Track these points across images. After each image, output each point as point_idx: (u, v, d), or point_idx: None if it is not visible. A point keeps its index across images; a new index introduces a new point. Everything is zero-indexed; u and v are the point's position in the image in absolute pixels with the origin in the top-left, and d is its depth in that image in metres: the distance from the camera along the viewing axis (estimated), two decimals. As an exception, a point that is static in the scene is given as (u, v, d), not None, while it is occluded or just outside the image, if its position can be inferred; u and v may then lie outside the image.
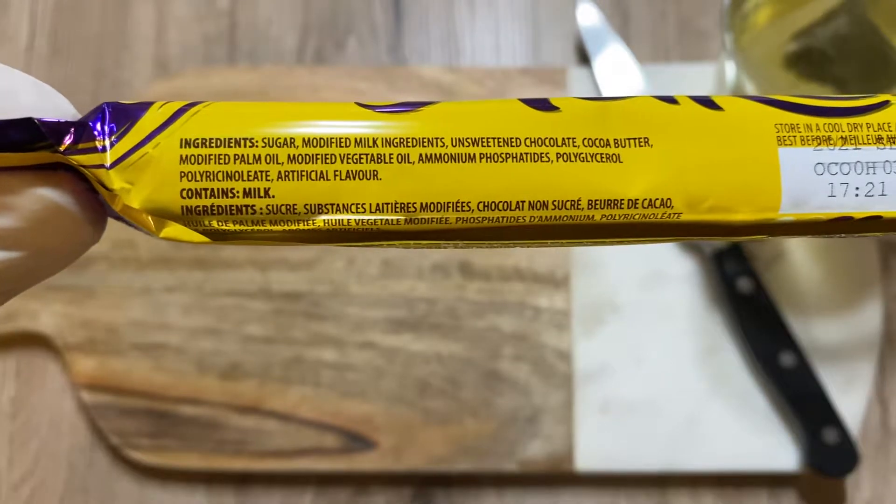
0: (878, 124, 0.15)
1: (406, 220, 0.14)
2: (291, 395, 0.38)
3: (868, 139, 0.15)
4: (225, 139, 0.14)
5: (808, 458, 0.36)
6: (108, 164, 0.14)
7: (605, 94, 0.14)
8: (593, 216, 0.14)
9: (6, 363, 0.40)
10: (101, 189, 0.14)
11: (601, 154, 0.14)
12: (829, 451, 0.36)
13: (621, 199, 0.14)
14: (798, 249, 0.39)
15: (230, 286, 0.40)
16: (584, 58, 0.42)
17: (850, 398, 0.37)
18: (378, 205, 0.14)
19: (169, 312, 0.39)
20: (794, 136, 0.14)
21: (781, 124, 0.14)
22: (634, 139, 0.14)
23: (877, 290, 0.39)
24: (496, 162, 0.14)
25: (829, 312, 0.39)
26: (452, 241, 0.15)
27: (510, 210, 0.14)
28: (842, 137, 0.14)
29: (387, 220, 0.14)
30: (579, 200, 0.14)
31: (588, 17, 0.42)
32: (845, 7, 0.33)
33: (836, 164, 0.14)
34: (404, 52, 0.44)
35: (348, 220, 0.14)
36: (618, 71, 0.41)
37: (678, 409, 0.38)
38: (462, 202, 0.14)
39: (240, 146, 0.14)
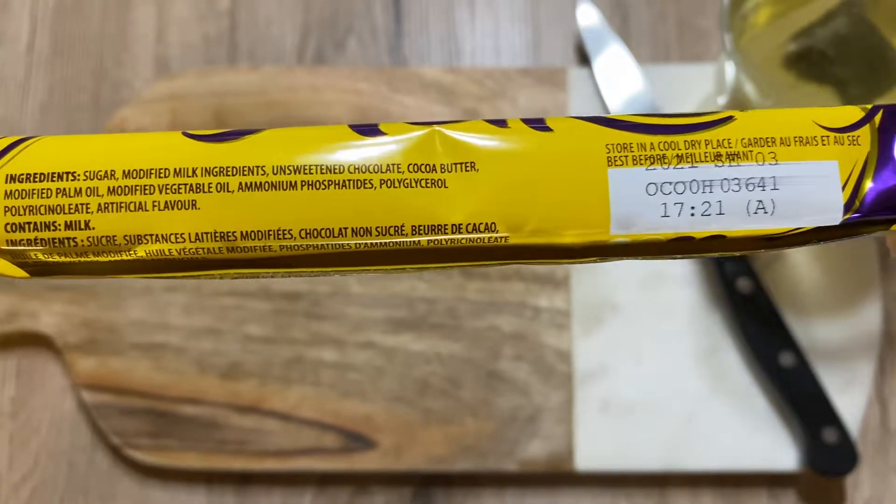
0: (718, 141, 0.14)
1: (227, 248, 0.14)
2: (291, 395, 0.38)
3: (706, 157, 0.14)
4: (48, 174, 0.14)
5: (807, 458, 0.36)
6: None
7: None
8: (419, 241, 0.14)
9: (7, 363, 0.40)
10: None
11: (426, 180, 0.14)
12: (828, 451, 0.36)
13: (445, 225, 0.14)
14: (798, 250, 0.39)
15: (230, 286, 0.40)
16: (584, 58, 0.42)
17: (849, 398, 0.37)
18: (197, 234, 0.14)
19: (169, 312, 0.39)
20: (626, 157, 0.14)
21: (613, 144, 0.14)
22: (461, 164, 0.14)
23: (876, 289, 0.39)
24: (318, 189, 0.14)
25: (828, 312, 0.39)
26: (280, 269, 0.14)
27: (333, 237, 0.14)
28: (677, 156, 0.14)
29: (207, 249, 0.14)
30: (403, 226, 0.14)
31: (588, 17, 0.42)
32: (845, 7, 0.33)
33: (670, 183, 0.14)
34: (404, 52, 0.44)
35: (168, 249, 0.14)
36: (618, 71, 0.41)
37: (678, 408, 0.38)
38: (284, 230, 0.14)
39: (62, 180, 0.14)
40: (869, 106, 0.15)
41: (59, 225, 0.14)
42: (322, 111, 0.41)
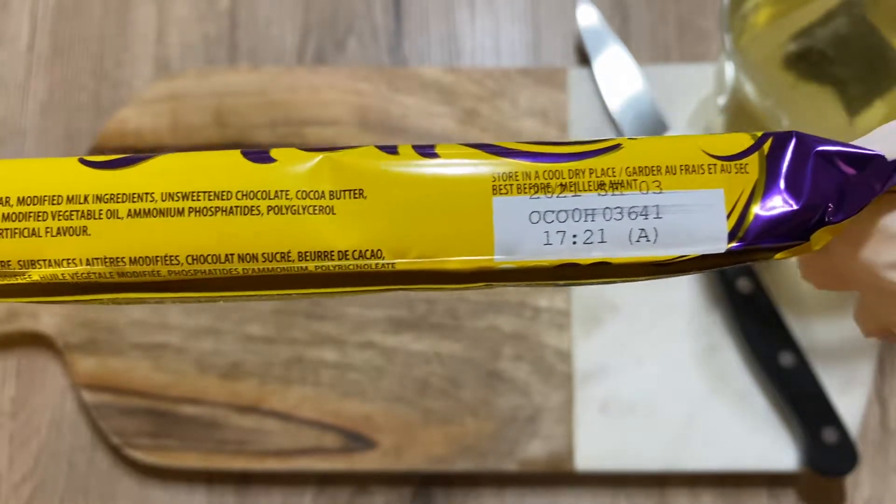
0: (602, 170, 0.14)
1: (117, 273, 0.14)
2: (292, 395, 0.39)
3: (589, 186, 0.14)
4: None
5: (807, 458, 0.36)
6: None
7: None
8: (306, 267, 0.14)
9: (7, 363, 0.40)
10: None
11: (314, 206, 0.14)
12: (828, 451, 0.36)
13: (331, 252, 0.14)
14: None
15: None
16: (583, 58, 0.43)
17: (849, 398, 0.37)
18: (88, 259, 0.14)
19: (169, 312, 0.39)
20: (511, 185, 0.14)
21: (499, 173, 0.14)
22: (349, 191, 0.14)
23: (876, 290, 0.39)
24: (205, 216, 0.14)
25: (828, 312, 0.39)
26: (169, 294, 0.15)
27: (220, 263, 0.14)
28: (561, 185, 0.14)
29: (98, 273, 0.14)
30: (289, 253, 0.14)
31: (588, 17, 0.42)
32: (845, 7, 0.33)
33: (553, 212, 0.14)
34: (404, 52, 0.44)
35: (61, 274, 0.14)
36: (617, 71, 0.41)
37: (678, 408, 0.38)
38: (171, 256, 0.14)
39: None
40: (759, 133, 0.15)
41: None
42: (322, 111, 0.41)
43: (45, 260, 0.14)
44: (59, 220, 0.14)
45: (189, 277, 0.14)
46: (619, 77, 0.41)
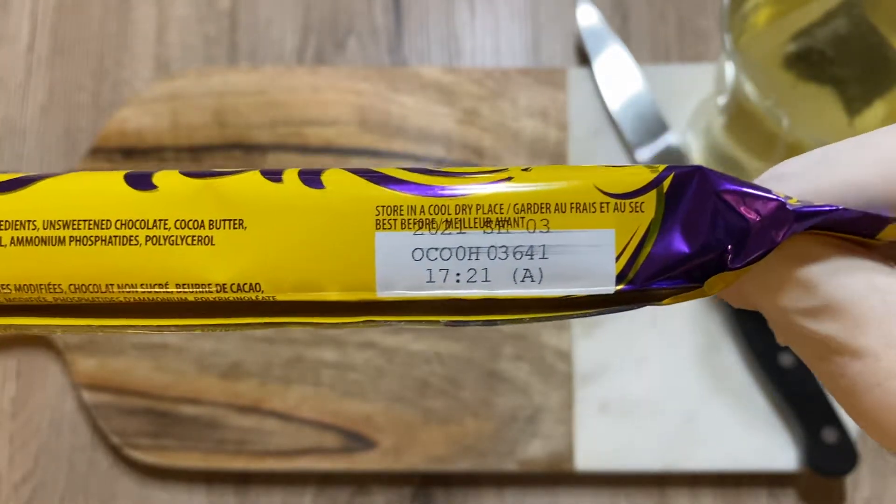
0: (489, 206, 0.14)
1: (4, 299, 0.14)
2: (292, 395, 0.39)
3: (475, 223, 0.14)
4: None
5: (807, 458, 0.36)
6: None
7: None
8: (186, 298, 0.14)
9: (7, 363, 0.40)
10: None
11: (193, 236, 0.14)
12: (828, 451, 0.36)
13: (209, 284, 0.14)
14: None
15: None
16: (583, 58, 0.43)
17: (849, 398, 0.37)
18: None
19: (169, 312, 0.39)
20: (395, 220, 0.14)
21: (383, 206, 0.14)
22: (229, 221, 0.14)
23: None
24: (86, 245, 0.14)
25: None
26: (61, 322, 0.14)
27: (101, 292, 0.14)
28: (447, 221, 0.14)
29: None
30: (167, 285, 0.14)
31: (588, 17, 0.42)
32: (845, 7, 0.33)
33: (437, 249, 0.14)
34: (404, 52, 0.44)
35: None
36: (617, 71, 0.41)
37: (678, 408, 0.38)
38: (54, 284, 0.14)
39: None
40: (661, 167, 0.14)
41: None
42: (322, 111, 0.41)
43: None
44: None
45: (75, 303, 0.14)
46: (619, 77, 0.41)
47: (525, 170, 0.14)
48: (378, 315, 0.14)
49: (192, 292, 0.14)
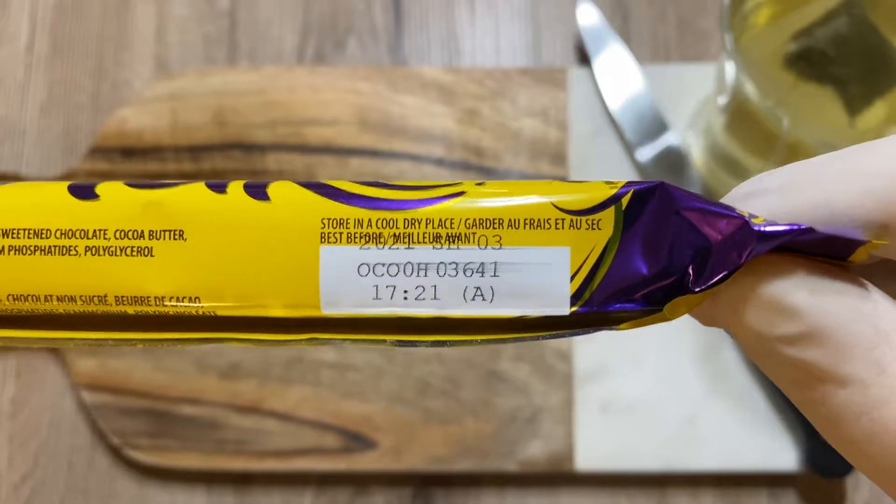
0: (440, 220, 0.13)
1: None
2: (291, 395, 0.38)
3: (424, 238, 0.13)
4: None
5: (807, 459, 0.36)
6: None
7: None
8: (126, 311, 0.14)
9: (6, 363, 0.40)
10: None
11: (132, 247, 0.13)
12: (828, 452, 0.36)
13: (148, 297, 0.14)
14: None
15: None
16: (584, 58, 0.42)
17: (849, 398, 0.37)
18: None
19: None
20: (341, 233, 0.13)
21: (329, 219, 0.13)
22: (170, 231, 0.13)
23: (876, 290, 0.39)
24: (25, 254, 0.14)
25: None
26: (8, 332, 0.14)
27: (40, 303, 0.14)
28: (394, 235, 0.13)
29: None
30: (106, 297, 0.14)
31: (588, 17, 0.42)
32: (845, 7, 0.33)
33: (384, 264, 0.13)
34: (404, 52, 0.44)
35: None
36: (618, 71, 0.41)
37: (678, 409, 0.38)
38: None
39: None
40: (621, 183, 0.14)
41: None
42: (322, 111, 0.41)
43: None
44: None
45: (14, 314, 0.14)
46: (619, 77, 0.41)
47: (479, 184, 0.14)
48: (323, 333, 0.14)
49: (132, 305, 0.14)
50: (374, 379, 0.38)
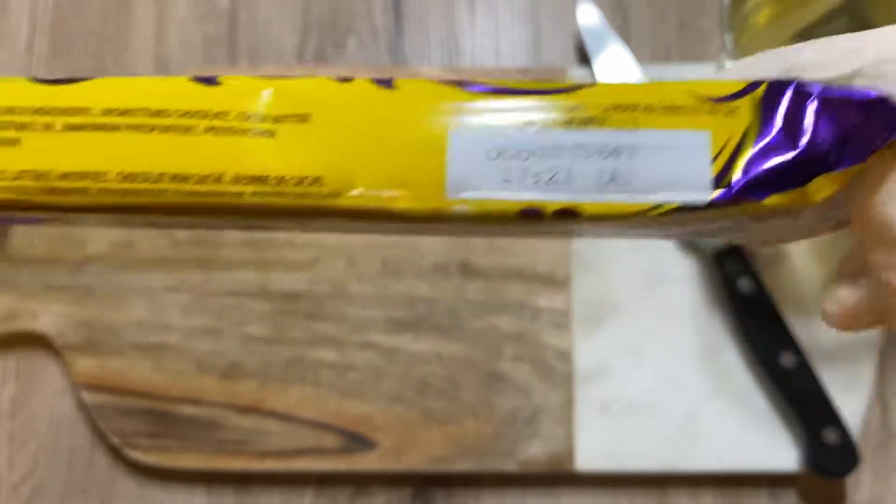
0: (573, 105, 0.13)
1: (44, 189, 0.14)
2: (291, 396, 0.38)
3: (556, 122, 0.13)
4: None
5: (808, 459, 0.36)
6: None
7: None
8: (241, 193, 0.13)
9: (6, 363, 0.40)
10: None
11: (254, 129, 0.13)
12: (829, 452, 0.36)
13: (267, 176, 0.13)
14: (799, 250, 0.39)
15: (230, 286, 0.40)
16: (584, 58, 0.42)
17: (850, 398, 0.37)
18: (17, 173, 0.14)
19: (169, 312, 0.39)
20: (470, 120, 0.13)
21: (456, 105, 0.13)
22: (294, 115, 0.13)
23: (877, 290, 0.39)
24: (141, 132, 0.13)
25: (829, 312, 0.39)
26: (99, 214, 0.14)
27: (150, 182, 0.14)
28: (525, 120, 0.13)
29: (25, 188, 0.14)
30: (223, 175, 0.13)
31: (588, 17, 0.42)
32: (845, 7, 0.33)
33: (514, 148, 0.13)
34: (404, 52, 0.44)
35: None
36: (618, 71, 0.41)
37: (678, 409, 0.38)
38: (101, 172, 0.14)
39: None
40: (751, 79, 0.13)
41: None
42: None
43: None
44: None
45: (119, 199, 0.14)
46: (619, 76, 0.41)
47: (609, 82, 0.13)
48: (450, 221, 0.13)
49: (249, 184, 0.13)
50: (374, 379, 0.38)
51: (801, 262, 0.39)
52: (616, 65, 0.41)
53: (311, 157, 0.13)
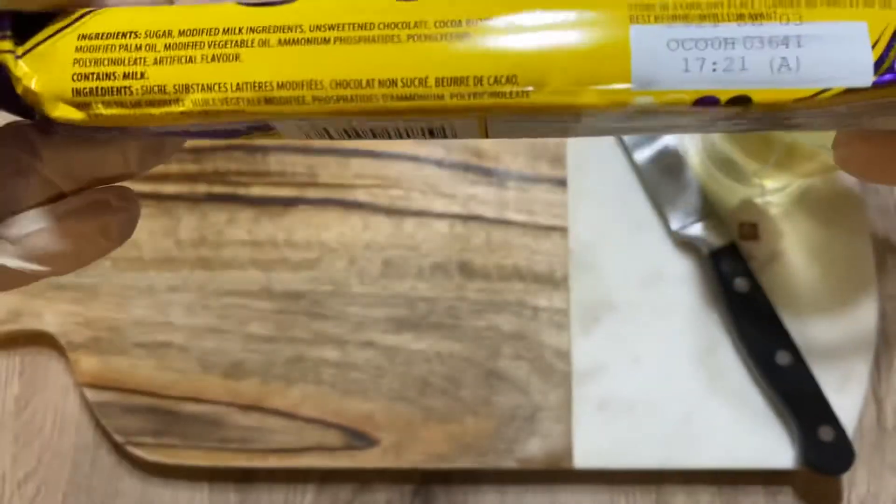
0: (741, 2, 0.14)
1: (264, 99, 0.15)
2: (293, 394, 0.39)
3: (728, 17, 0.14)
4: (114, 33, 0.16)
5: (803, 456, 0.37)
6: (18, 53, 0.16)
7: None
8: (443, 95, 0.15)
9: (10, 362, 0.41)
10: (10, 75, 0.16)
11: (451, 34, 0.15)
12: (824, 449, 0.36)
13: (467, 77, 0.15)
14: (794, 249, 0.40)
15: (233, 286, 0.40)
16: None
17: (845, 396, 0.38)
18: (238, 84, 0.15)
19: (172, 312, 0.40)
20: (648, 15, 0.14)
21: (636, 3, 0.14)
22: (484, 21, 0.15)
23: (872, 289, 0.39)
24: (349, 44, 0.15)
25: (825, 311, 0.39)
26: (313, 122, 0.15)
27: (361, 88, 0.15)
28: (700, 15, 0.14)
29: (246, 99, 0.15)
30: (427, 78, 0.15)
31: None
32: None
33: (692, 40, 0.14)
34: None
35: (212, 99, 0.15)
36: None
37: (675, 407, 0.38)
38: (315, 81, 0.15)
39: (125, 38, 0.16)
40: None
41: (118, 75, 0.15)
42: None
43: (198, 84, 0.15)
44: (214, 48, 0.15)
45: (332, 106, 0.15)
46: None
47: None
48: (632, 106, 0.15)
49: (450, 86, 0.15)
50: (376, 377, 0.39)
51: (796, 260, 0.40)
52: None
53: (507, 57, 0.14)
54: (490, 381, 0.39)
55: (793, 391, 0.37)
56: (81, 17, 0.16)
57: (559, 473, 0.39)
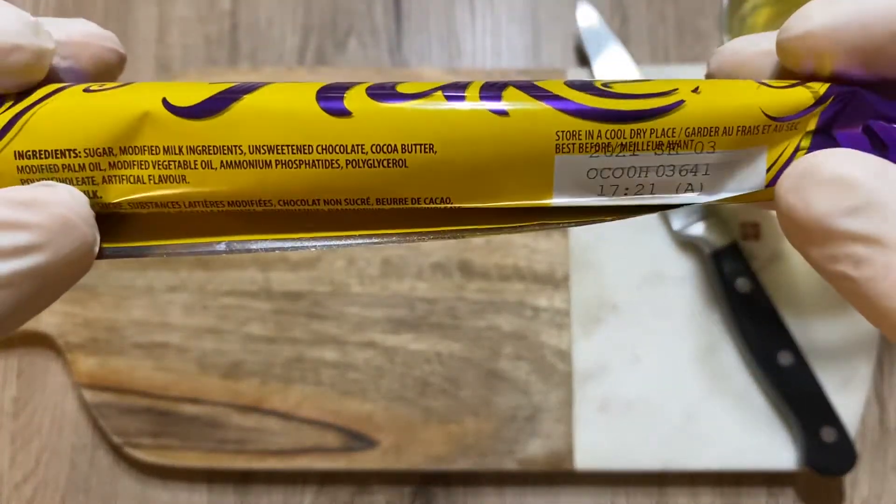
0: (663, 130, 0.15)
1: (215, 213, 0.16)
2: (292, 394, 0.39)
3: (648, 146, 0.15)
4: (52, 151, 0.15)
5: (806, 457, 0.36)
6: None
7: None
8: (383, 207, 0.16)
9: (8, 362, 0.41)
10: None
11: (388, 160, 0.15)
12: (827, 450, 0.36)
13: (405, 198, 0.16)
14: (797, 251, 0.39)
15: (231, 286, 0.40)
16: (583, 59, 0.43)
17: (848, 397, 0.38)
18: (189, 202, 0.16)
19: (170, 312, 0.40)
20: (573, 144, 0.15)
21: (563, 132, 0.15)
22: (420, 145, 0.15)
23: (874, 289, 0.39)
24: (290, 168, 0.15)
25: (827, 312, 0.39)
26: (269, 236, 0.16)
27: (308, 205, 0.16)
28: (621, 144, 0.15)
29: (198, 213, 0.16)
30: (368, 199, 0.16)
31: (587, 18, 0.42)
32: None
33: (610, 169, 0.15)
34: (404, 53, 0.44)
35: (167, 213, 0.16)
36: (617, 72, 0.41)
37: (677, 407, 0.38)
38: (264, 200, 0.16)
39: (66, 157, 0.15)
40: (821, 91, 0.15)
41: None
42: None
43: (152, 202, 0.16)
44: (160, 169, 0.15)
45: (279, 217, 0.16)
46: (618, 77, 0.41)
47: (694, 91, 0.15)
48: (549, 219, 0.16)
49: (389, 204, 0.16)
50: (375, 378, 0.39)
51: (798, 261, 0.39)
52: (615, 66, 0.42)
53: (440, 182, 0.15)
54: (490, 382, 0.39)
55: (795, 392, 0.37)
56: (10, 123, 0.15)
57: (560, 475, 0.38)
